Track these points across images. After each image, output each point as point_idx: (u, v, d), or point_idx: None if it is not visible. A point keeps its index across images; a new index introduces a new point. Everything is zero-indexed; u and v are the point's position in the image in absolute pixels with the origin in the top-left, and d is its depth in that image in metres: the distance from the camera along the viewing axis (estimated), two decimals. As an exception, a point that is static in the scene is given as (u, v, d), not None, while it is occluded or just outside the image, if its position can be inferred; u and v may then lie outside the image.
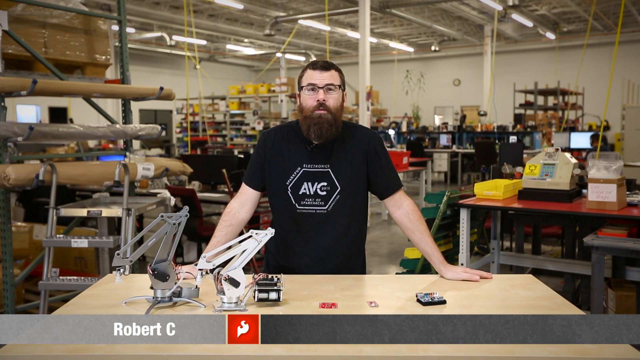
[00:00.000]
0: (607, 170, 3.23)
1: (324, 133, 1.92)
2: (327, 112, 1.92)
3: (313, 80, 1.94)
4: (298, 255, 2.02)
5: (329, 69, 1.95)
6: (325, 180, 1.97)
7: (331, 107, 1.93)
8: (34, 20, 3.49)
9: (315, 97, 1.93)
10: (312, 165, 1.98)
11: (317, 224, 1.98)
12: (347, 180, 1.98)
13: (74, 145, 8.28)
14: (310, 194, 1.97)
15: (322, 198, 1.97)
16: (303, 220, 1.99)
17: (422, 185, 9.20)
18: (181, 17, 14.17)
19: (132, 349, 1.31)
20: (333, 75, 1.95)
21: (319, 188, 1.97)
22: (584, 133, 10.17)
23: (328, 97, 1.93)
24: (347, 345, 1.31)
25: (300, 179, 1.98)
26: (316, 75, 1.94)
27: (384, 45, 19.39)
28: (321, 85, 1.93)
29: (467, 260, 3.62)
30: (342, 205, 1.98)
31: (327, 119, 1.91)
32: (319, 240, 1.99)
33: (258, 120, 13.22)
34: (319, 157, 1.98)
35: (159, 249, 1.61)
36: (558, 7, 14.81)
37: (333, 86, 1.94)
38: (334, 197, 1.97)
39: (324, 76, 1.94)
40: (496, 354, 1.28)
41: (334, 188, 1.97)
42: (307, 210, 1.98)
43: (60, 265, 4.15)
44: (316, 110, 1.92)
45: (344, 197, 1.98)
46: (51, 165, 3.08)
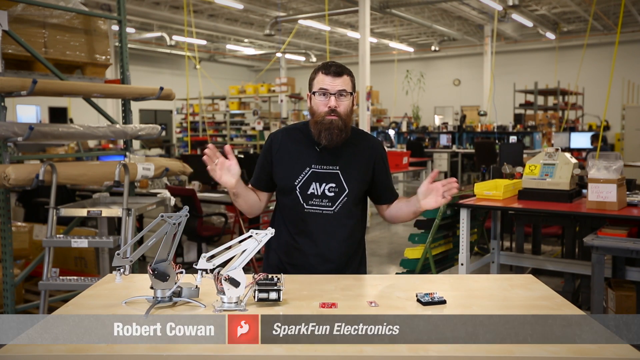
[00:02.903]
0: (607, 170, 3.23)
1: (335, 138, 1.94)
2: (338, 118, 1.93)
3: (325, 86, 1.94)
4: (302, 253, 2.03)
5: (341, 75, 1.95)
6: (334, 182, 1.99)
7: (342, 113, 1.94)
8: (34, 20, 3.49)
9: (327, 103, 1.94)
10: (321, 166, 2.00)
11: (323, 224, 2.01)
12: (354, 184, 2.01)
13: (74, 145, 8.29)
14: (317, 194, 1.99)
15: (330, 199, 1.99)
16: (310, 220, 2.00)
17: (422, 186, 9.20)
18: (181, 17, 14.16)
19: (132, 349, 1.31)
20: (345, 81, 1.96)
21: (327, 189, 1.99)
22: (584, 133, 10.17)
23: (340, 104, 1.94)
24: (347, 345, 1.31)
25: (308, 179, 2.00)
26: (328, 80, 1.94)
27: (384, 45, 19.39)
28: (333, 92, 1.93)
29: (467, 260, 3.62)
30: (348, 207, 2.01)
31: (338, 125, 1.93)
32: (323, 240, 2.01)
33: (258, 120, 13.22)
34: (328, 159, 2.00)
35: (159, 249, 1.61)
36: (558, 7, 14.81)
37: (345, 92, 1.95)
38: (341, 198, 2.00)
39: (337, 82, 1.94)
40: (496, 354, 1.28)
41: (342, 190, 2.00)
42: (315, 210, 2.00)
43: (60, 265, 4.15)
44: (327, 116, 1.93)
45: (351, 199, 2.00)
46: (51, 165, 3.08)
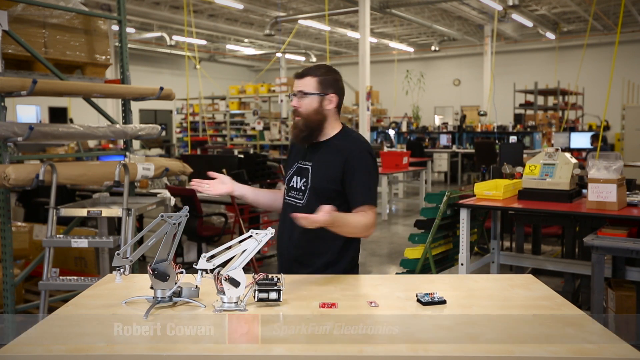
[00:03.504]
0: (607, 170, 3.23)
1: (298, 136, 2.08)
2: (300, 117, 2.06)
3: (293, 88, 2.11)
4: (280, 242, 2.17)
5: (303, 76, 2.08)
6: (305, 177, 2.10)
7: (302, 112, 2.06)
8: (34, 20, 3.49)
9: (293, 103, 2.09)
10: (304, 162, 2.13)
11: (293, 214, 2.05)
12: (318, 180, 2.07)
13: (74, 145, 8.29)
14: (296, 187, 2.13)
15: (301, 192, 2.11)
16: (287, 210, 2.13)
17: (422, 185, 9.22)
18: (181, 17, 14.16)
19: (132, 349, 1.30)
20: (306, 82, 2.06)
21: (302, 183, 2.11)
22: (584, 133, 10.18)
23: (299, 104, 2.06)
24: (347, 345, 1.31)
25: (293, 173, 2.15)
26: (295, 83, 2.11)
27: (384, 45, 19.39)
28: (294, 92, 2.08)
29: (467, 260, 3.62)
30: (313, 202, 2.02)
31: (298, 124, 2.07)
32: (289, 228, 2.08)
33: (258, 120, 13.22)
34: (309, 155, 2.12)
35: (159, 249, 1.61)
36: (558, 7, 14.81)
37: (302, 93, 2.06)
38: (307, 193, 2.09)
39: (297, 84, 2.09)
40: (496, 354, 1.28)
41: (307, 185, 2.10)
42: (291, 201, 2.14)
43: (60, 265, 4.15)
44: (294, 116, 2.09)
45: (315, 194, 2.07)
46: (51, 165, 3.08)
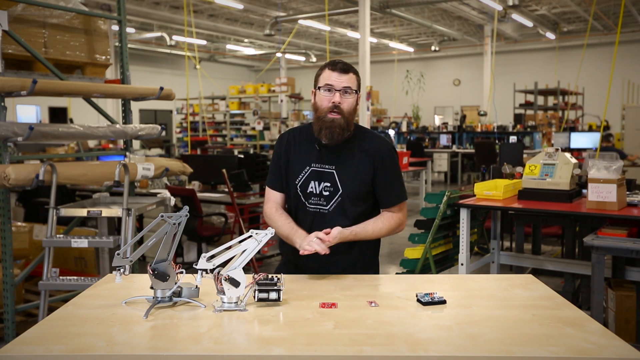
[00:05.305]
0: (607, 170, 3.23)
1: (336, 137, 1.94)
2: (341, 116, 1.93)
3: (330, 82, 1.94)
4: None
5: (347, 72, 1.95)
6: (329, 181, 2.00)
7: (345, 110, 1.94)
8: (34, 20, 3.49)
9: (331, 99, 1.94)
10: (320, 165, 2.01)
11: (319, 222, 2.01)
12: (349, 184, 1.99)
13: (74, 145, 8.29)
14: (316, 193, 2.01)
15: (325, 198, 2.00)
16: (308, 218, 2.02)
17: (422, 185, 9.21)
18: (181, 17, 14.17)
19: (132, 349, 1.30)
20: (351, 79, 1.96)
21: (323, 188, 2.00)
22: (584, 133, 10.16)
23: (343, 101, 1.94)
24: (347, 345, 1.31)
25: (308, 178, 2.02)
26: (334, 76, 1.94)
27: (384, 45, 19.39)
28: (338, 88, 1.93)
29: (467, 260, 3.62)
30: (342, 207, 2.00)
31: (340, 124, 1.93)
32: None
33: (258, 120, 13.22)
34: (326, 158, 2.01)
35: (159, 249, 1.61)
36: (558, 7, 14.81)
37: (350, 90, 1.95)
38: (335, 198, 2.00)
39: (343, 79, 1.94)
40: (496, 354, 1.28)
41: (336, 190, 2.00)
42: (313, 208, 2.02)
43: (60, 265, 4.15)
44: (329, 113, 1.93)
45: (345, 200, 1.99)
46: (51, 165, 3.08)
